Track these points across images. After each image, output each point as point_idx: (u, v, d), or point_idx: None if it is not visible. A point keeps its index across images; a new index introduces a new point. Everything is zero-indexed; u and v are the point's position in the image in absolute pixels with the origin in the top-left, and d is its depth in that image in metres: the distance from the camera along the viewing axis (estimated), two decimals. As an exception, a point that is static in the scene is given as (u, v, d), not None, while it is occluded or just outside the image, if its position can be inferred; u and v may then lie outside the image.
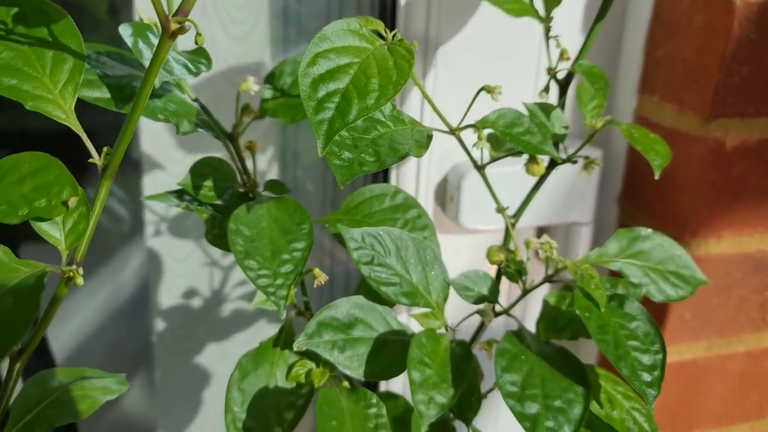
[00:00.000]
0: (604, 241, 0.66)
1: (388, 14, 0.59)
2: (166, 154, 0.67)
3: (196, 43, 0.29)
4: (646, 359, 0.38)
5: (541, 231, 0.66)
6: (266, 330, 0.76)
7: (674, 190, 0.60)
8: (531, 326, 0.47)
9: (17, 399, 0.39)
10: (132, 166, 0.66)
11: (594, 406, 0.39)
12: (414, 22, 0.56)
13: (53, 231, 0.32)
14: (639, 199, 0.64)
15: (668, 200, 0.61)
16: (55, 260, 0.34)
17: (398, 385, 0.69)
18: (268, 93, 0.47)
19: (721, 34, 0.54)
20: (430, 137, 0.40)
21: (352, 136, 0.38)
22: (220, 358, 0.75)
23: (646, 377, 0.37)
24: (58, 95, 0.32)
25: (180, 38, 0.31)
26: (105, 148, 0.33)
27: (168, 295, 0.72)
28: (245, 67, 0.65)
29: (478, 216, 0.59)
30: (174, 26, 0.29)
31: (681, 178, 0.59)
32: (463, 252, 0.64)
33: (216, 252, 0.72)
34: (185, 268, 0.72)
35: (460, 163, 0.60)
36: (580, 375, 0.39)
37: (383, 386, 0.69)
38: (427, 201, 0.62)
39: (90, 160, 0.32)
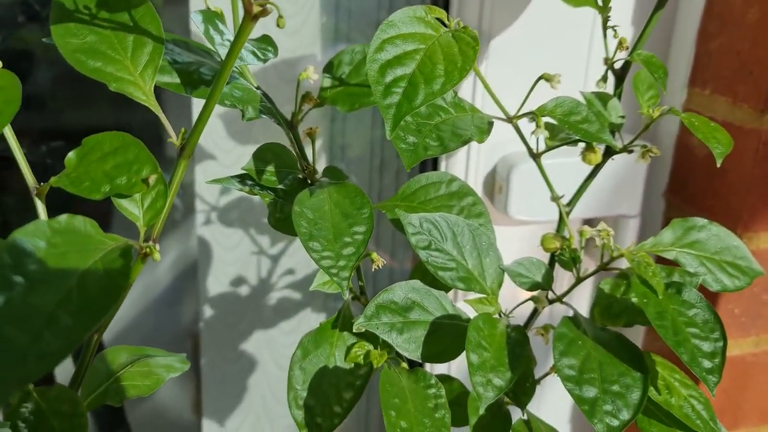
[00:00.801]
0: (650, 234, 0.66)
1: (440, 5, 0.60)
2: (217, 144, 0.68)
3: (278, 25, 0.30)
4: (706, 346, 0.38)
5: (588, 223, 0.66)
6: (311, 319, 0.77)
7: (725, 183, 0.60)
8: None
9: (89, 372, 0.40)
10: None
11: (652, 392, 0.40)
12: (467, 13, 0.56)
13: (132, 208, 0.34)
14: (686, 193, 0.64)
15: (718, 194, 0.60)
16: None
17: (443, 369, 0.69)
18: (327, 82, 0.48)
19: (777, 26, 0.54)
20: (491, 124, 0.41)
21: (416, 122, 0.39)
22: (265, 346, 0.77)
23: (707, 364, 0.37)
24: (138, 77, 0.34)
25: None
26: (182, 129, 0.34)
27: (216, 283, 0.73)
28: (296, 59, 0.66)
29: (527, 207, 0.59)
30: (256, 9, 0.30)
31: (733, 172, 0.59)
32: (511, 243, 0.64)
33: (264, 241, 0.73)
34: (234, 256, 0.73)
35: (509, 154, 0.60)
36: (637, 361, 0.39)
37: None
38: (475, 191, 0.62)
39: (169, 140, 0.33)
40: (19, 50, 0.62)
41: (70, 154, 0.33)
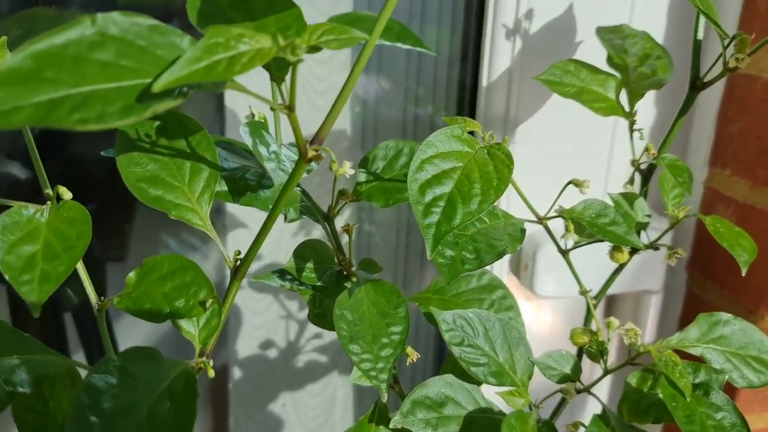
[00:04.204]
0: (673, 308, 0.67)
1: (467, 94, 0.62)
2: (249, 214, 0.71)
3: (331, 168, 0.32)
4: (733, 451, 0.39)
5: (611, 299, 0.68)
6: (337, 381, 0.78)
7: (747, 263, 0.61)
8: (605, 401, 0.48)
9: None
10: (219, 226, 0.70)
11: (680, 494, 0.41)
12: (494, 103, 0.58)
13: (189, 327, 0.36)
14: (709, 268, 0.65)
15: (739, 274, 0.62)
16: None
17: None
18: (362, 176, 0.50)
19: (796, 117, 0.55)
20: (523, 231, 0.43)
21: (453, 233, 0.40)
22: (292, 408, 0.79)
23: (734, 470, 0.39)
24: (195, 203, 0.36)
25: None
26: (235, 251, 0.36)
27: (245, 346, 0.75)
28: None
29: (552, 285, 0.61)
30: (311, 153, 0.32)
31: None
32: (536, 317, 0.66)
33: (292, 306, 0.75)
34: (262, 319, 0.75)
35: (534, 232, 0.62)
36: (666, 463, 0.40)
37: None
38: (501, 267, 0.64)
39: (225, 263, 0.36)
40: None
41: (131, 274, 0.36)
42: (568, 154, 0.60)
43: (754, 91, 0.59)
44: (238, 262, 0.36)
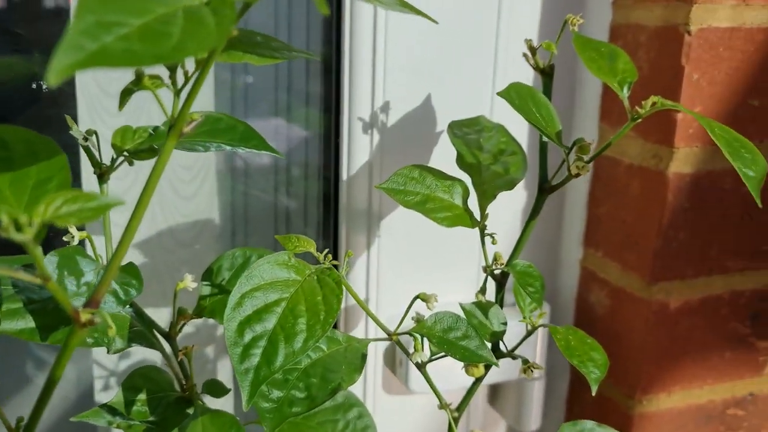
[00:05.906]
0: (559, 388, 0.66)
1: (331, 188, 0.60)
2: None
3: (108, 351, 0.29)
4: None
5: (494, 387, 0.66)
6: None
7: (622, 348, 0.60)
8: None
9: None
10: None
11: None
12: (356, 196, 0.56)
13: None
14: (590, 347, 0.64)
15: (616, 357, 0.61)
16: None
17: None
18: (206, 290, 0.46)
19: (656, 203, 0.55)
20: (364, 357, 0.40)
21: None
22: None
23: None
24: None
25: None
26: (18, 417, 0.32)
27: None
28: (192, 223, 0.65)
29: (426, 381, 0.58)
30: (85, 317, 0.28)
31: (628, 337, 0.60)
32: (412, 413, 0.63)
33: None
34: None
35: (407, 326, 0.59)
36: None
37: None
38: (376, 363, 0.61)
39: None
40: None
41: None
42: (433, 248, 0.58)
43: (618, 174, 0.59)
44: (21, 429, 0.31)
